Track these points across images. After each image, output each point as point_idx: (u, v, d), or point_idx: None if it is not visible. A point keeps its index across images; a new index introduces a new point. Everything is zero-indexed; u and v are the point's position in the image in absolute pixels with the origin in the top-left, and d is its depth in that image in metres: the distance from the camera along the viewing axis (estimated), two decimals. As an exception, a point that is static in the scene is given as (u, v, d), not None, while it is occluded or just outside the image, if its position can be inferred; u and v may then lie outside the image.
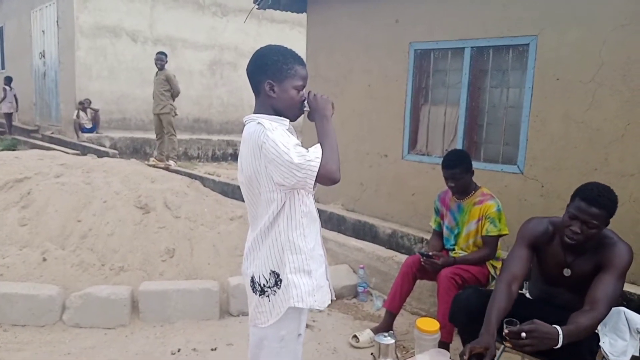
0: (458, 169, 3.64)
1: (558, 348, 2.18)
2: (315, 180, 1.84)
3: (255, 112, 2.03)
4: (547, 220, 2.75)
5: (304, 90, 2.06)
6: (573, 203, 2.53)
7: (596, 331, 2.58)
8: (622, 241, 2.54)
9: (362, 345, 3.75)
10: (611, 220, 3.75)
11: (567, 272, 2.65)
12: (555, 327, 2.19)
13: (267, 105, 2.01)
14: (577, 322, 2.28)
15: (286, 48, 2.04)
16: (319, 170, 1.82)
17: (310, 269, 2.02)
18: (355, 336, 3.82)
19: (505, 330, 2.19)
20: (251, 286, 2.06)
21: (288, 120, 2.03)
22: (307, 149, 1.88)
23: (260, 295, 2.03)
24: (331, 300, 2.19)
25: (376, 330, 3.64)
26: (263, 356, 2.07)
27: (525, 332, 2.14)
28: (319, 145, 1.90)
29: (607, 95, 3.79)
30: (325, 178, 1.85)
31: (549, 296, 2.79)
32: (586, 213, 2.44)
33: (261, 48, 2.05)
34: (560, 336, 2.16)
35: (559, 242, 2.65)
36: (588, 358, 2.43)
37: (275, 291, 2.00)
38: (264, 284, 2.02)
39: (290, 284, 1.98)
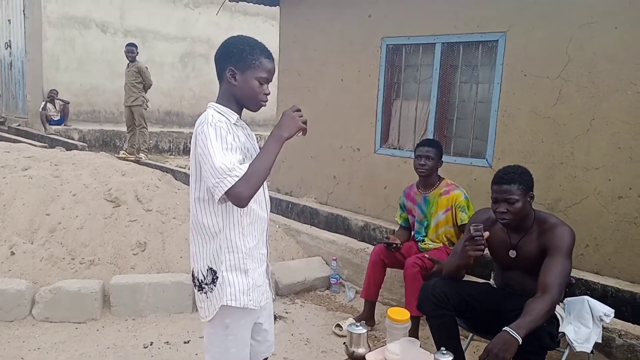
0: (433, 149, 3.78)
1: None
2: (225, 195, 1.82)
3: (217, 100, 2.04)
4: (491, 209, 2.88)
5: (268, 84, 2.02)
6: (491, 190, 2.76)
7: (557, 315, 2.69)
8: (564, 224, 2.72)
9: (346, 333, 3.80)
10: (575, 212, 3.87)
11: (512, 253, 2.82)
12: (505, 332, 2.30)
13: (228, 92, 2.01)
14: (532, 310, 2.41)
15: (256, 40, 2.03)
16: (229, 188, 1.80)
17: (247, 268, 2.00)
18: (338, 325, 3.90)
19: None
20: (193, 280, 2.07)
21: (237, 115, 2.01)
22: (239, 161, 1.85)
23: (199, 290, 2.04)
24: (273, 299, 2.18)
25: (358, 319, 3.70)
26: (210, 344, 2.08)
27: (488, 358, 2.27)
28: (247, 165, 1.85)
29: (573, 91, 3.89)
30: (232, 198, 1.83)
31: (507, 282, 2.93)
32: (500, 192, 2.69)
33: (231, 37, 2.05)
34: (515, 335, 2.28)
35: (501, 225, 2.82)
36: (549, 342, 2.52)
37: (212, 288, 1.99)
38: (201, 280, 2.02)
39: (225, 281, 1.97)
